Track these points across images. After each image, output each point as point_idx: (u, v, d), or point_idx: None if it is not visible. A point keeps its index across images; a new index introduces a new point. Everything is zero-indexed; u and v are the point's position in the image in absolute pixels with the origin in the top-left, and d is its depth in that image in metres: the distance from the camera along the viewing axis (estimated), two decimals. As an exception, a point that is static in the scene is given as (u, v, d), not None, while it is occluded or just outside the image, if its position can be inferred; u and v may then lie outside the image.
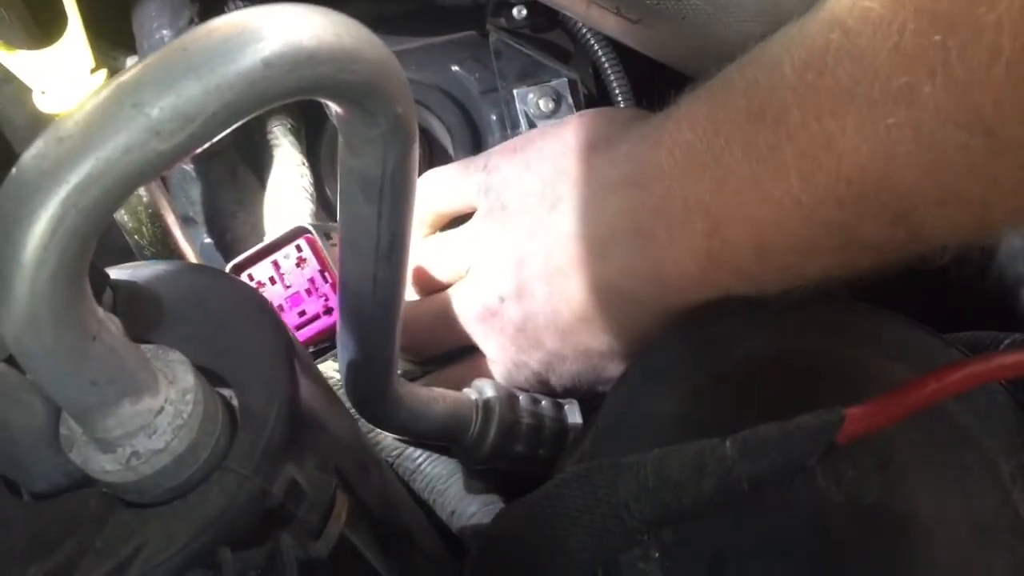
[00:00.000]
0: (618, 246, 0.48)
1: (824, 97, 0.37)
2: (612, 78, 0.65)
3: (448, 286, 0.57)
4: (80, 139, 0.25)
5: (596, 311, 0.50)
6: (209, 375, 0.34)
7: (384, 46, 0.30)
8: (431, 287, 0.58)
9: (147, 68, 0.26)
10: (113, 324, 0.30)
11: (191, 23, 0.59)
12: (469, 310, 0.55)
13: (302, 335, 0.56)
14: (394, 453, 0.54)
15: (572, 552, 0.36)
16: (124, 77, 0.26)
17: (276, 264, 0.56)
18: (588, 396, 0.57)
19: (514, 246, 0.53)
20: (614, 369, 0.53)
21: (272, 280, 0.56)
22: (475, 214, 0.57)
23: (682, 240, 0.45)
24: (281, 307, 0.55)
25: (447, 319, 0.56)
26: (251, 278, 0.55)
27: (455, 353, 0.59)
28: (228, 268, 0.56)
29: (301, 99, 0.29)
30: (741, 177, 0.42)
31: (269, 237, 0.57)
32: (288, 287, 0.55)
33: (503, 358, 0.56)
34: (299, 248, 0.56)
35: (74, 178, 0.25)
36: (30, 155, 0.25)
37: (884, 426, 0.34)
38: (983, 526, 0.40)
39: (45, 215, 0.25)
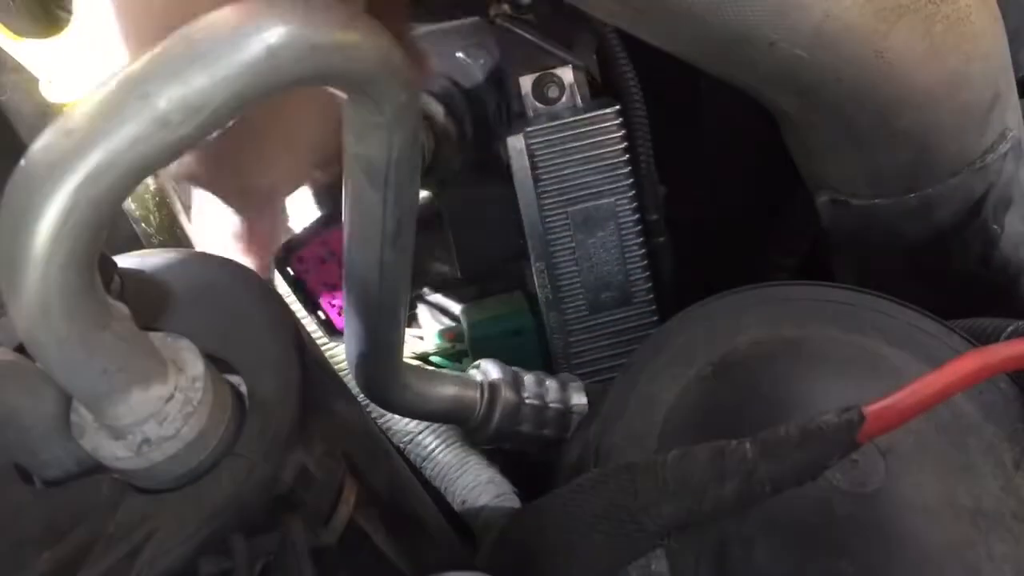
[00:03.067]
0: None
1: None
2: (617, 63, 0.65)
3: None
4: (88, 131, 0.25)
5: None
6: (217, 362, 0.34)
7: (388, 34, 0.30)
8: None
9: (154, 59, 0.26)
10: (123, 313, 0.30)
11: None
12: None
13: None
14: (406, 439, 0.55)
15: (590, 557, 0.35)
16: (131, 68, 0.26)
17: (327, 242, 0.54)
18: None
19: None
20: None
21: (330, 255, 0.54)
22: None
23: None
24: (336, 285, 0.54)
25: None
26: (301, 260, 0.54)
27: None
28: (279, 249, 0.54)
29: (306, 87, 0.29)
30: None
31: (314, 216, 0.55)
32: None
33: None
34: None
35: (83, 169, 0.25)
36: (38, 147, 0.26)
37: (902, 423, 0.34)
38: (986, 512, 0.40)
39: (55, 206, 0.25)
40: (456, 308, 0.70)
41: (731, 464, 0.33)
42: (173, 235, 0.57)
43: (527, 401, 0.53)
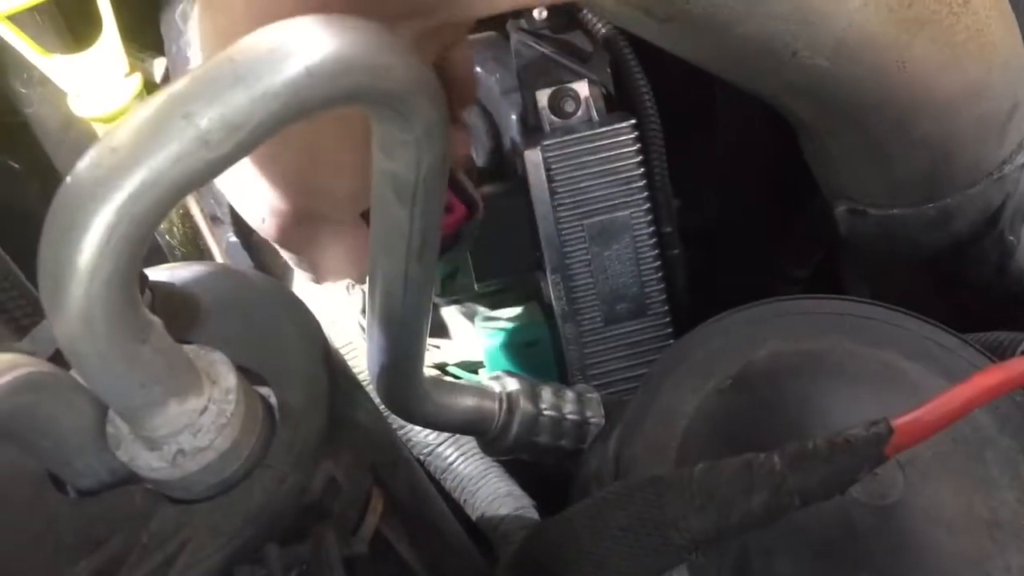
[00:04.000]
0: None
1: None
2: (632, 77, 0.66)
3: None
4: (132, 149, 0.26)
5: None
6: (247, 374, 0.35)
7: (419, 54, 0.31)
8: None
9: (195, 79, 0.27)
10: (159, 326, 0.31)
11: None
12: None
13: None
14: (425, 451, 0.55)
15: (615, 571, 0.36)
16: (173, 88, 0.27)
17: None
18: None
19: None
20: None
21: None
22: None
23: None
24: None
25: None
26: None
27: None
28: None
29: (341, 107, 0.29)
30: None
31: None
32: None
33: None
34: None
35: (128, 187, 0.26)
36: (84, 164, 0.26)
37: (928, 436, 0.34)
38: (1003, 524, 0.40)
39: (100, 223, 0.26)
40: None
41: (759, 477, 0.34)
42: (196, 247, 0.58)
43: (545, 412, 0.54)
